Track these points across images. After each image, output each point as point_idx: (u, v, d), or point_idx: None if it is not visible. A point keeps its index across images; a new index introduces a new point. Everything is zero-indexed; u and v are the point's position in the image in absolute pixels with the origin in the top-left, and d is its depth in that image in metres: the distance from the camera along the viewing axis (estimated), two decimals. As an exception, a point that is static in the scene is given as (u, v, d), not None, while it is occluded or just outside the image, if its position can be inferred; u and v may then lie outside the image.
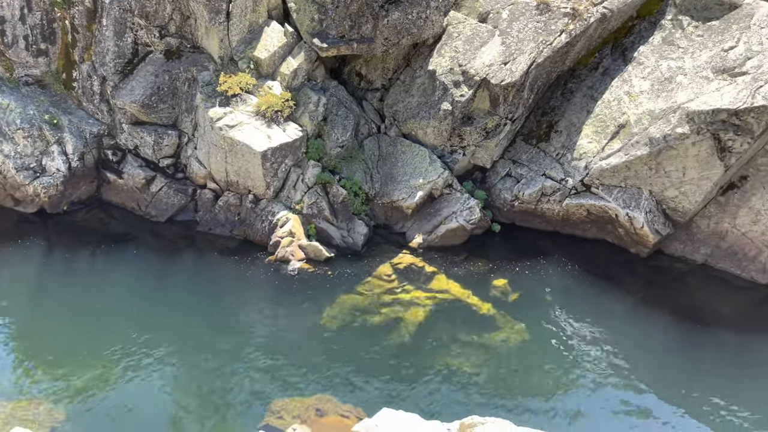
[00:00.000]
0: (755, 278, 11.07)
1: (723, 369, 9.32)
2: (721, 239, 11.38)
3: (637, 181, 11.37)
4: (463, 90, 11.81)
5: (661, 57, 11.48)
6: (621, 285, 11.21)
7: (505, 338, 10.00)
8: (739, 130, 10.20)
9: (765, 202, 10.90)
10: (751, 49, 10.62)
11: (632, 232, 11.47)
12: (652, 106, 11.18)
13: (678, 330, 10.16)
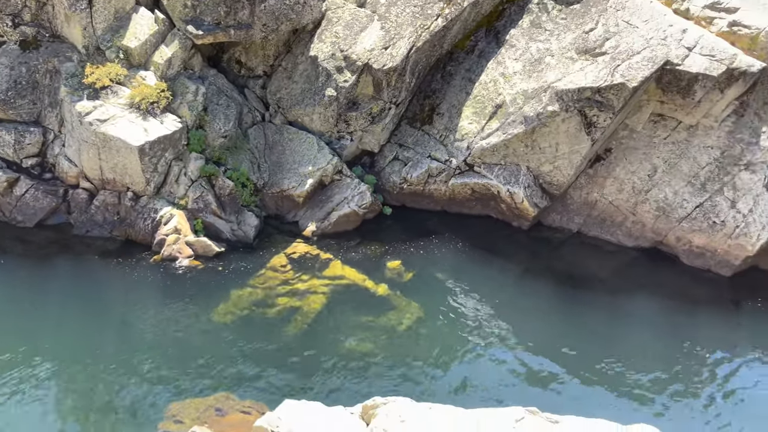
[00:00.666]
0: (622, 242, 12.08)
1: (598, 327, 10.14)
2: (592, 208, 12.29)
3: (516, 158, 11.99)
4: (346, 75, 11.82)
5: (531, 39, 12.12)
6: (506, 257, 11.81)
7: (402, 318, 10.23)
8: (602, 106, 11.02)
9: (627, 172, 11.88)
10: (609, 30, 11.47)
11: (513, 206, 12.10)
12: (525, 86, 11.79)
13: (559, 295, 10.88)
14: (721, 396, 8.88)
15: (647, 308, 10.49)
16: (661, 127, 11.67)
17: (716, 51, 10.76)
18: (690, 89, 10.86)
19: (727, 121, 11.20)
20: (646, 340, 9.83)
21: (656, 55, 10.84)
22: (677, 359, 9.47)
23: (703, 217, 11.25)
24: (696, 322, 10.24)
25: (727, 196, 11.12)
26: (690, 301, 10.68)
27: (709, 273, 11.36)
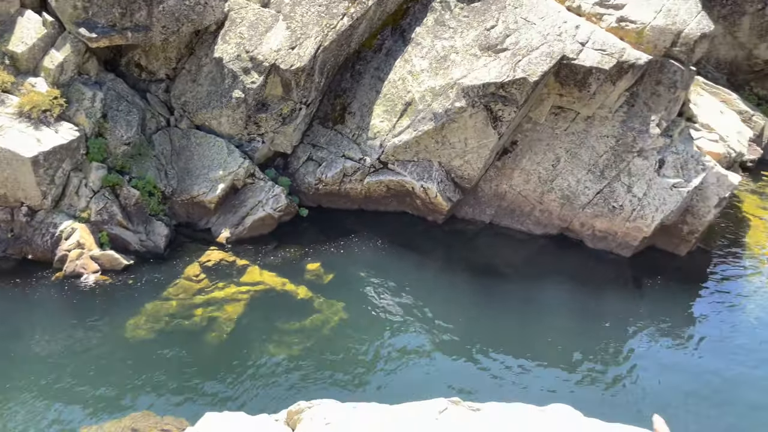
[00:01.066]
0: (532, 230, 12.59)
1: (513, 313, 10.51)
2: (502, 199, 12.73)
3: (427, 154, 12.20)
4: (253, 77, 11.59)
5: (436, 37, 12.36)
6: (424, 252, 12.01)
7: (324, 320, 10.18)
8: (506, 100, 11.42)
9: (533, 163, 12.39)
10: (508, 27, 11.89)
11: (428, 201, 12.32)
12: (432, 84, 12.02)
13: (475, 285, 11.19)
14: (627, 370, 9.45)
15: (557, 292, 10.99)
16: (562, 119, 12.24)
17: (607, 45, 11.41)
18: (585, 82, 11.47)
19: (619, 111, 11.92)
20: (558, 323, 10.30)
21: (553, 51, 11.36)
22: (587, 339, 9.98)
23: (603, 203, 11.92)
24: (602, 302, 10.83)
25: (624, 181, 11.83)
26: (596, 283, 11.29)
27: (612, 255, 12.06)
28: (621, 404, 8.71)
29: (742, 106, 15.76)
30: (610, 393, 8.96)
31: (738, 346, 10.03)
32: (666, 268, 11.80)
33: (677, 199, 11.45)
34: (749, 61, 17.59)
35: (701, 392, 9.02)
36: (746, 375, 9.39)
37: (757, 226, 13.39)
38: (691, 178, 11.57)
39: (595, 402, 8.55)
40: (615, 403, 8.72)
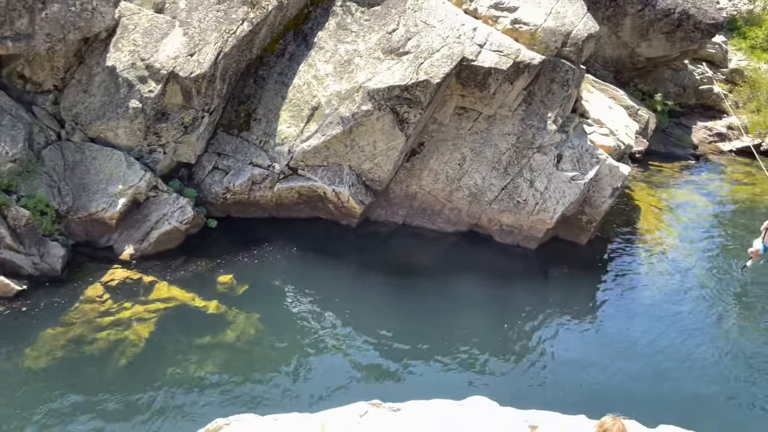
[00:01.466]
0: (443, 228, 12.87)
1: (429, 311, 10.70)
2: (413, 200, 12.93)
3: (337, 158, 12.19)
4: (151, 85, 11.11)
5: (339, 41, 12.38)
6: (339, 256, 11.98)
7: (239, 333, 9.91)
8: (411, 103, 11.61)
9: (440, 163, 12.67)
10: (409, 30, 12.10)
11: (341, 206, 12.31)
12: (338, 88, 12.02)
13: (391, 286, 11.29)
14: (538, 357, 9.86)
15: (470, 287, 11.30)
16: (465, 119, 12.61)
17: (503, 47, 11.87)
18: (485, 82, 11.87)
19: (518, 110, 12.43)
20: (472, 317, 10.59)
21: (453, 53, 11.68)
22: (500, 330, 10.33)
23: (508, 198, 12.37)
24: (512, 294, 11.25)
25: (526, 177, 12.35)
26: (506, 276, 11.71)
27: (519, 248, 12.55)
28: (534, 390, 9.07)
29: (628, 101, 16.89)
30: (525, 381, 9.31)
31: (637, 323, 10.73)
32: (569, 257, 12.42)
33: (575, 191, 12.08)
34: (632, 59, 18.88)
35: (606, 371, 9.55)
36: (646, 349, 10.05)
37: (647, 212, 14.38)
38: (586, 171, 12.25)
39: (510, 391, 8.85)
40: (529, 390, 9.07)
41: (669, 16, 17.78)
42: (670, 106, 18.74)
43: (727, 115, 19.14)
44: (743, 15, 26.67)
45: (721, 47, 21.49)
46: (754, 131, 18.17)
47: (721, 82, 20.70)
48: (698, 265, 12.50)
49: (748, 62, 21.80)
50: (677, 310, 11.02)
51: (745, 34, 24.51)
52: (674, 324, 10.66)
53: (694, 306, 11.21)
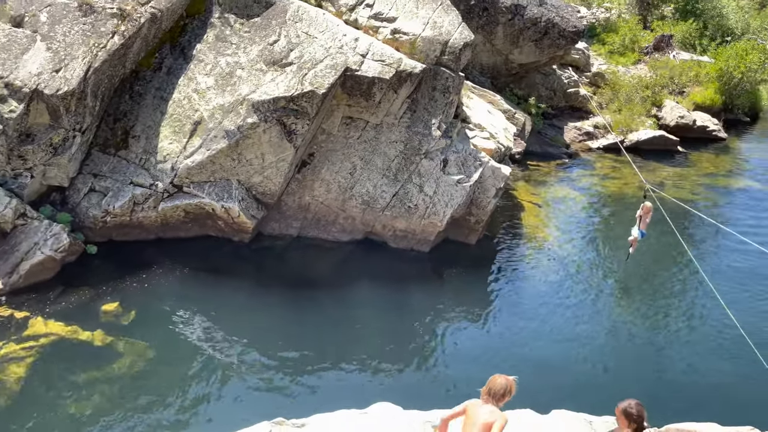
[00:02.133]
0: (339, 238, 12.89)
1: (330, 322, 10.65)
2: (307, 211, 12.84)
3: (225, 173, 11.85)
4: (12, 105, 10.24)
5: (219, 54, 12.06)
6: (233, 274, 11.63)
7: (129, 363, 9.33)
8: (298, 114, 11.54)
9: (332, 172, 12.68)
10: (291, 41, 12.04)
11: (231, 222, 11.96)
12: (221, 101, 11.71)
13: (290, 300, 11.12)
14: (437, 358, 10.11)
15: (367, 294, 11.38)
16: (353, 128, 12.72)
17: (385, 56, 12.12)
18: (370, 92, 12.05)
19: (404, 117, 12.74)
20: (371, 325, 10.67)
21: (337, 63, 11.75)
22: (399, 335, 10.48)
23: (400, 204, 12.62)
24: (409, 298, 11.47)
25: (416, 182, 12.66)
26: (402, 280, 11.91)
27: (413, 251, 12.82)
28: (436, 390, 9.28)
29: (505, 105, 17.82)
30: (426, 381, 9.51)
31: (526, 314, 11.30)
32: (460, 257, 12.87)
33: (462, 193, 12.55)
34: (507, 66, 19.97)
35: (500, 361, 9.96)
36: (534, 337, 10.61)
37: (530, 209, 15.22)
38: (471, 174, 12.76)
39: (413, 393, 8.98)
40: (430, 390, 9.26)
41: (536, 24, 18.99)
42: (543, 108, 20.01)
43: (593, 115, 20.73)
44: (601, 23, 29.08)
45: (584, 53, 23.27)
46: (617, 129, 19.80)
47: (586, 85, 22.40)
48: (577, 255, 13.40)
49: (607, 66, 23.75)
50: (561, 298, 11.75)
51: (603, 41, 26.73)
52: (559, 311, 11.35)
53: (575, 293, 12.00)
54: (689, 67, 23.53)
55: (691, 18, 29.12)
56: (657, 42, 26.54)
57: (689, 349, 10.62)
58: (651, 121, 20.51)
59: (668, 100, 21.53)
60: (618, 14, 30.42)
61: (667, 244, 13.55)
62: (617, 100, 21.13)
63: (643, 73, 23.49)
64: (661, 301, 12.03)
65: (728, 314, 10.20)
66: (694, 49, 27.16)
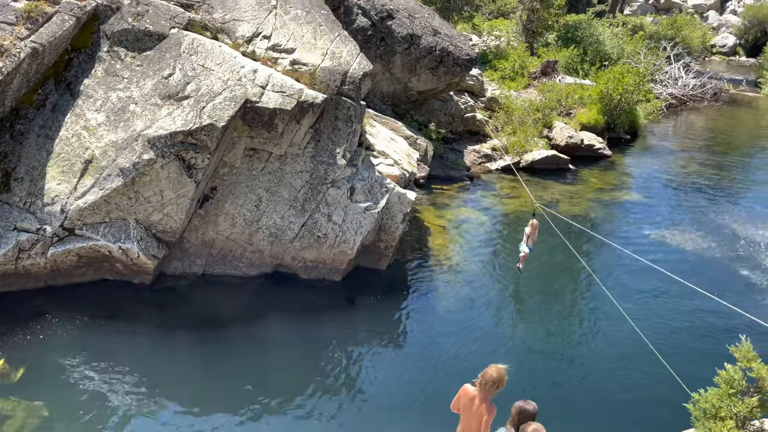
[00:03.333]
0: (247, 272, 12.54)
1: (242, 359, 10.27)
2: (211, 247, 12.42)
3: (121, 212, 11.26)
4: None
5: (109, 88, 11.53)
6: (134, 318, 11.00)
7: (19, 426, 8.53)
8: (197, 147, 11.21)
9: (236, 206, 12.38)
10: (187, 74, 11.73)
11: (130, 263, 11.34)
12: (114, 138, 11.16)
13: (198, 341, 10.65)
14: (354, 385, 10.00)
15: (280, 328, 11.13)
16: (256, 159, 12.52)
17: (286, 87, 12.07)
18: (272, 123, 11.93)
19: (308, 147, 12.70)
20: (286, 359, 10.42)
21: (236, 95, 11.57)
22: (315, 367, 10.29)
23: (309, 234, 12.50)
24: (323, 329, 11.31)
25: (324, 212, 12.60)
26: (314, 312, 11.74)
27: (324, 281, 12.70)
28: (354, 419, 9.17)
29: (407, 132, 18.24)
30: (346, 412, 9.36)
31: (438, 335, 11.45)
32: (373, 284, 12.90)
33: (370, 220, 12.63)
34: (406, 93, 20.49)
35: (414, 385, 10.02)
36: (447, 358, 10.75)
37: (437, 232, 15.56)
38: (378, 200, 12.89)
39: (332, 426, 8.83)
40: (350, 420, 9.13)
41: (432, 53, 19.68)
42: (443, 133, 20.64)
43: (490, 138, 21.64)
44: (492, 50, 30.62)
45: (479, 79, 24.34)
46: (513, 151, 20.77)
47: (482, 110, 23.39)
48: (483, 273, 13.82)
49: (500, 91, 24.97)
50: (471, 317, 12.03)
51: (495, 67, 28.12)
52: (469, 330, 11.61)
53: (483, 310, 12.35)
54: (574, 90, 25.18)
55: (572, 45, 31.32)
56: (543, 67, 28.26)
57: (592, 356, 11.19)
58: (543, 142, 21.69)
59: (557, 122, 22.89)
60: (507, 42, 32.17)
61: (561, 257, 14.31)
62: (511, 123, 22.20)
63: (533, 96, 24.87)
64: (563, 312, 12.63)
65: (628, 320, 10.88)
66: (577, 74, 29.15)
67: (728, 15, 53.39)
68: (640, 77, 25.06)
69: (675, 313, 12.65)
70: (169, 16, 12.55)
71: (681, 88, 32.91)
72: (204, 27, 12.80)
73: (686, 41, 39.79)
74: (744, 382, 4.92)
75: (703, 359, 10.88)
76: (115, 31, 12.07)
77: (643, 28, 41.38)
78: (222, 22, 13.07)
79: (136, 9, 12.39)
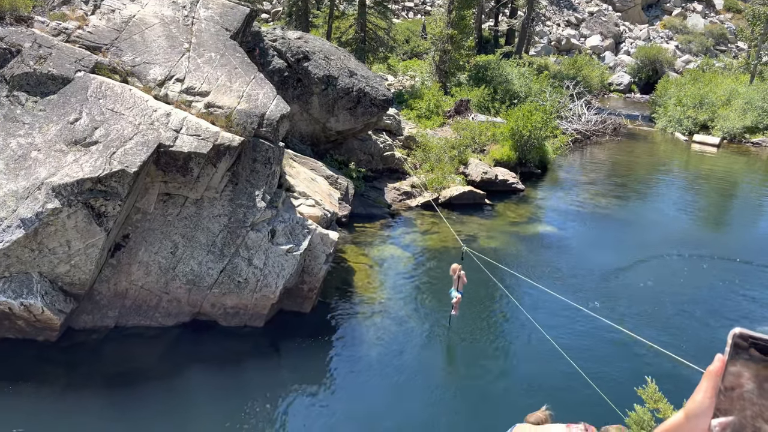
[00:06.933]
0: (163, 323, 11.99)
1: (159, 416, 9.72)
2: (124, 298, 11.81)
3: (23, 266, 10.53)
4: None
5: (9, 135, 10.89)
6: (39, 380, 10.22)
7: None
8: (108, 194, 10.73)
9: (150, 253, 11.88)
10: (95, 119, 11.28)
11: (33, 320, 10.58)
12: (14, 186, 10.50)
13: (110, 399, 9.99)
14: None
15: (200, 380, 10.65)
16: (171, 205, 12.12)
17: (201, 130, 11.84)
18: (187, 167, 11.63)
19: (226, 190, 12.45)
20: (207, 411, 9.95)
21: (148, 139, 11.22)
22: (238, 418, 9.87)
23: (229, 280, 12.15)
24: (246, 377, 10.92)
25: (244, 256, 12.32)
26: (236, 360, 11.35)
27: (247, 328, 12.33)
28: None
29: (327, 171, 18.28)
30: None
31: (366, 379, 11.31)
32: (297, 328, 12.64)
33: (293, 263, 12.45)
34: (325, 133, 20.61)
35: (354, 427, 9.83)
36: (380, 403, 10.62)
37: (361, 271, 15.53)
38: (300, 242, 12.75)
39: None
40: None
41: (349, 94, 19.97)
42: (363, 172, 20.85)
43: (409, 175, 22.06)
44: (408, 89, 31.49)
45: (395, 118, 24.89)
46: (432, 187, 21.25)
47: (400, 148, 23.86)
48: (409, 312, 13.86)
49: (417, 129, 25.62)
50: (398, 360, 11.97)
51: (411, 106, 28.89)
52: (398, 373, 11.53)
53: (411, 351, 12.33)
54: (486, 127, 26.22)
55: (483, 84, 32.75)
56: (457, 106, 29.33)
57: (525, 390, 11.34)
58: (460, 178, 22.33)
59: (472, 158, 23.67)
60: (421, 81, 33.20)
61: (485, 293, 14.62)
62: (429, 160, 22.75)
63: (448, 134, 25.66)
64: (491, 344, 12.82)
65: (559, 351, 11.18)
66: (488, 112, 30.43)
67: (623, 55, 57.72)
68: (547, 114, 26.46)
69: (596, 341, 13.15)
70: (75, 59, 12.09)
71: (584, 124, 35.01)
72: (113, 70, 12.42)
73: (587, 80, 42.58)
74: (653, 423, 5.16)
75: (618, 381, 11.34)
76: (15, 75, 11.48)
77: (548, 67, 43.96)
78: (132, 65, 12.73)
79: (38, 52, 11.86)
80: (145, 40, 13.34)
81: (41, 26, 12.60)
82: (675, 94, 39.37)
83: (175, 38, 13.60)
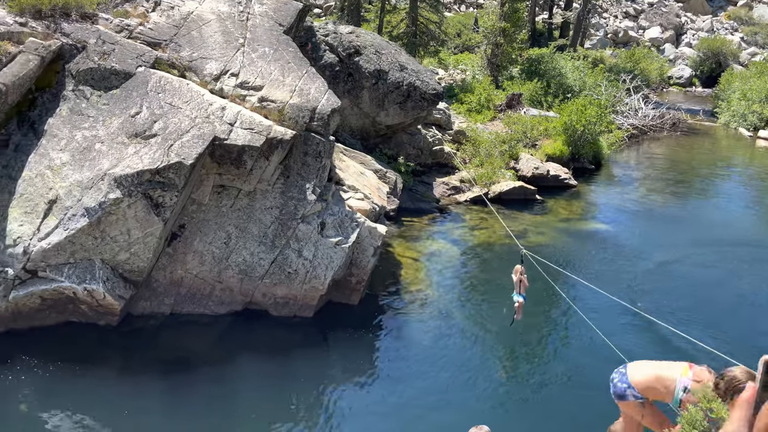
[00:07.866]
0: (216, 311, 12.35)
1: (211, 403, 10.04)
2: (180, 286, 12.22)
3: (87, 253, 11.04)
4: None
5: (74, 127, 11.41)
6: (100, 362, 10.71)
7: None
8: (165, 186, 11.12)
9: (205, 243, 12.25)
10: (154, 113, 11.69)
11: (96, 305, 11.08)
12: (79, 177, 11.01)
13: (165, 384, 10.38)
14: (331, 424, 9.83)
15: (251, 367, 10.93)
16: (225, 196, 12.46)
17: (254, 124, 12.11)
18: (241, 160, 11.92)
19: (278, 183, 12.70)
20: (256, 398, 10.21)
21: (204, 132, 11.56)
22: (287, 407, 10.11)
23: (279, 271, 12.40)
24: (295, 366, 11.14)
25: (294, 247, 12.55)
26: (285, 349, 11.58)
27: (296, 318, 12.57)
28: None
29: (377, 165, 18.38)
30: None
31: (413, 369, 11.34)
32: (345, 319, 12.80)
33: (341, 255, 12.61)
34: (375, 128, 20.72)
35: (393, 420, 9.90)
36: (423, 392, 10.66)
37: (408, 264, 15.58)
38: (349, 235, 12.90)
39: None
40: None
41: (399, 88, 20.00)
42: (412, 166, 20.86)
43: (458, 170, 21.94)
44: (458, 83, 31.27)
45: (445, 112, 24.77)
46: (481, 182, 21.07)
47: (449, 142, 23.74)
48: (455, 305, 13.83)
49: (467, 124, 25.42)
50: (445, 352, 11.97)
51: (462, 100, 28.68)
52: (445, 365, 11.53)
53: (458, 344, 12.30)
54: (538, 122, 25.77)
55: (536, 78, 32.18)
56: (509, 100, 28.92)
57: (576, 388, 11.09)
58: (510, 173, 22.05)
59: (523, 153, 23.34)
60: (472, 75, 32.90)
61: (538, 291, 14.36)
62: (479, 155, 22.56)
63: (499, 129, 25.37)
64: (541, 346, 12.63)
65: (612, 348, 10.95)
66: (541, 106, 29.89)
67: (684, 47, 55.62)
68: (602, 109, 25.80)
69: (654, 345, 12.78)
70: (136, 55, 12.55)
71: (641, 119, 33.97)
72: (171, 65, 12.82)
73: (644, 73, 41.23)
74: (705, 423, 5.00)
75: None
76: (80, 70, 12.01)
77: (603, 61, 42.79)
78: (189, 60, 13.12)
79: (101, 48, 12.37)
80: (202, 35, 13.72)
81: (105, 23, 13.13)
82: (739, 88, 37.66)
83: (230, 34, 13.93)
